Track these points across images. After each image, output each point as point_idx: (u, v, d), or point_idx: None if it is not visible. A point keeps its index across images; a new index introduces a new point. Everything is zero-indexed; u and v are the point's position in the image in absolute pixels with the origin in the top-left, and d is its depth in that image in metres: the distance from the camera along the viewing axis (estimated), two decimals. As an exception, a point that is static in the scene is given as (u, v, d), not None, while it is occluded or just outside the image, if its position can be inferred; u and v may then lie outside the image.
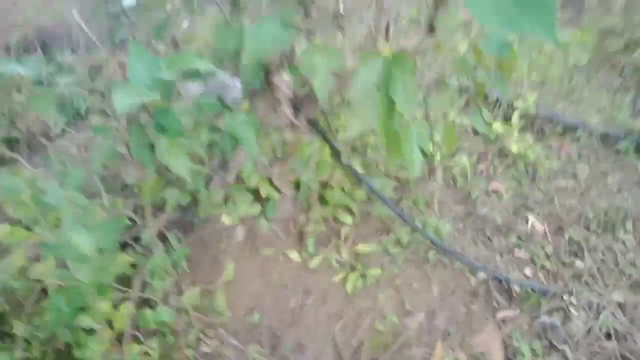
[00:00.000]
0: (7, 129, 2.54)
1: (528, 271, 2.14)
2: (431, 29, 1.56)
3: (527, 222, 2.36)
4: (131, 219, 1.78)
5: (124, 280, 1.82)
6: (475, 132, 2.89)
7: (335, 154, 1.93)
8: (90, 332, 1.79)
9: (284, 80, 1.65)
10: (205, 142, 1.62)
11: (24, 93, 2.76)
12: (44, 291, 1.93)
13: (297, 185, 2.18)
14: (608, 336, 1.90)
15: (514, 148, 2.59)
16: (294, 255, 2.12)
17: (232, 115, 1.48)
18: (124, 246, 1.85)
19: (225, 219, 1.87)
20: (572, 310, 1.97)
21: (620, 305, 1.99)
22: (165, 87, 1.40)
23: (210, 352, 1.87)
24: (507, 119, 2.88)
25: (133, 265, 1.79)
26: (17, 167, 1.75)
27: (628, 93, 3.17)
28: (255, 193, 2.12)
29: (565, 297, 2.00)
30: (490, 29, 1.37)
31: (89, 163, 1.50)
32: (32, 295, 1.86)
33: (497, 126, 2.70)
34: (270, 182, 2.15)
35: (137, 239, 1.89)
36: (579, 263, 2.16)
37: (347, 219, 2.17)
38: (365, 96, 1.16)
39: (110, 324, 1.75)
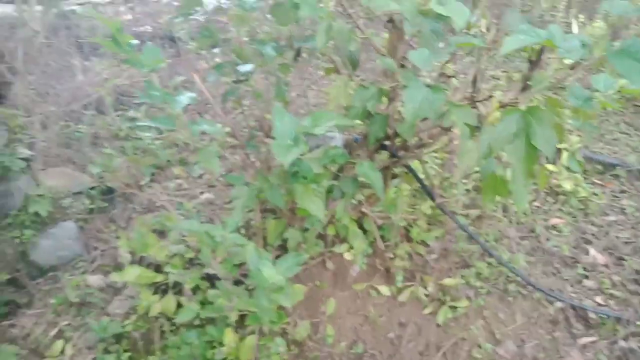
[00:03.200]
0: (100, 180, 2.72)
1: (599, 299, 2.32)
2: (525, 86, 1.81)
3: (588, 254, 2.56)
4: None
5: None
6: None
7: (427, 194, 2.13)
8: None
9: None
10: (325, 187, 1.82)
11: (109, 147, 2.97)
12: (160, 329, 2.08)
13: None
14: (682, 359, 2.06)
15: (567, 185, 2.81)
16: (384, 289, 2.28)
17: (361, 163, 1.69)
18: (237, 282, 2.02)
19: (347, 256, 2.04)
20: (646, 335, 2.14)
21: (690, 330, 2.16)
22: (304, 141, 1.60)
23: (319, 382, 2.01)
24: (550, 161, 3.12)
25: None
26: (167, 212, 1.93)
27: (656, 133, 3.46)
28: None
29: (638, 323, 2.17)
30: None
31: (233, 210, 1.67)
32: (155, 332, 2.01)
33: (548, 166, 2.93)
34: (357, 222, 2.34)
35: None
36: (644, 291, 2.35)
37: (431, 254, 2.35)
38: (502, 143, 1.38)
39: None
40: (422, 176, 2.26)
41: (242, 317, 1.96)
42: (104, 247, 2.48)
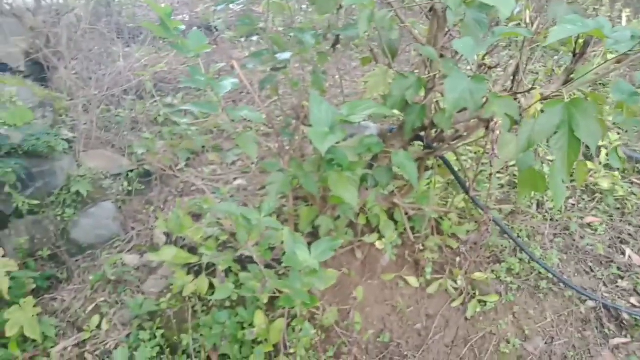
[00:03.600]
0: (138, 163, 2.81)
1: (634, 300, 2.27)
2: (568, 80, 1.77)
3: (624, 254, 2.50)
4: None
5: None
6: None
7: (462, 186, 2.12)
8: (244, 345, 1.98)
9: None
10: (359, 175, 1.83)
11: (147, 131, 3.05)
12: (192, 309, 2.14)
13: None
14: None
15: (605, 184, 2.75)
16: (413, 280, 2.28)
17: (397, 152, 1.69)
18: (267, 266, 2.05)
19: (378, 245, 2.06)
20: (684, 339, 2.08)
21: None
22: (341, 129, 1.62)
23: (346, 368, 2.03)
24: (587, 158, 3.05)
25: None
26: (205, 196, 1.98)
27: (702, 133, 3.32)
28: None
29: (675, 327, 2.12)
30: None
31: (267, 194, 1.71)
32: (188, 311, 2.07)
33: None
34: (387, 212, 2.34)
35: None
36: (682, 294, 2.28)
37: (462, 248, 2.34)
38: (544, 135, 1.36)
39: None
40: (456, 168, 2.25)
41: (271, 300, 2.00)
42: (141, 228, 2.56)
